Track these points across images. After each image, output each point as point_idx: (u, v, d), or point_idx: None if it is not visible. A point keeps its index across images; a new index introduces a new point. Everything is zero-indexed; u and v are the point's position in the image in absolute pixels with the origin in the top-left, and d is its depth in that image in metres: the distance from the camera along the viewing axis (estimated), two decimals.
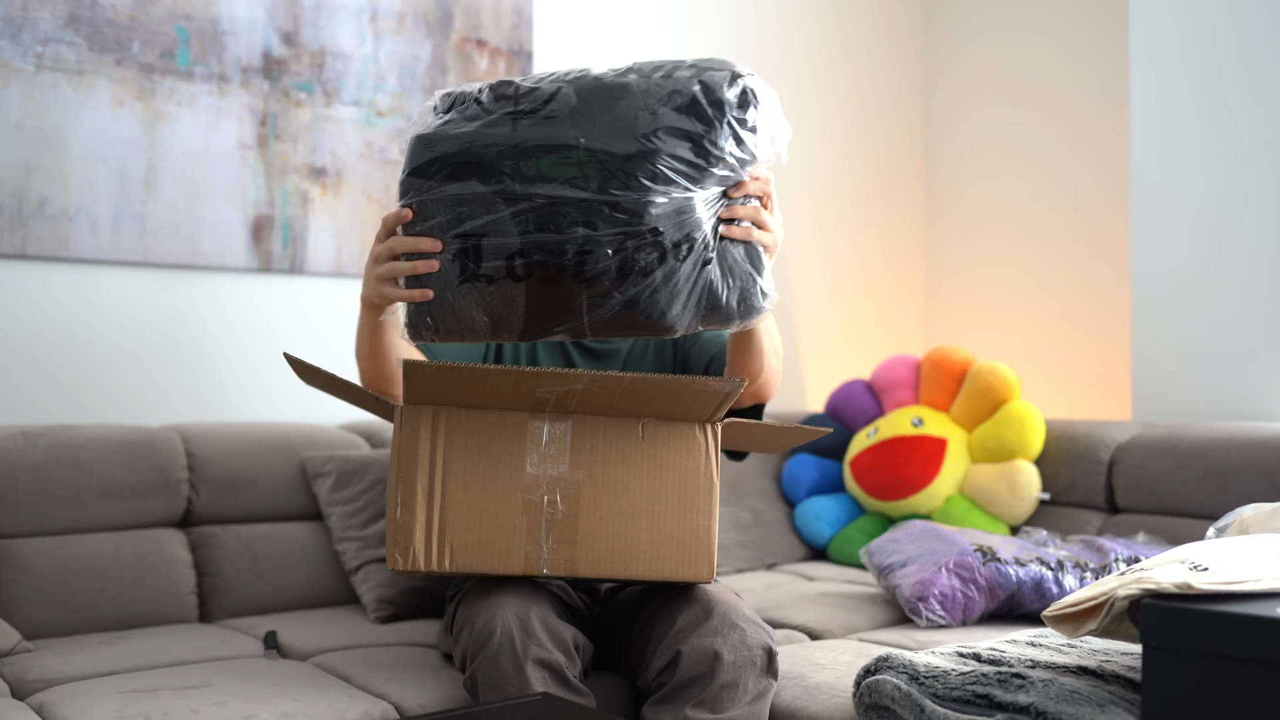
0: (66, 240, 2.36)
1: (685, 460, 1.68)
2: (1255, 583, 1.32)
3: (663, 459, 1.68)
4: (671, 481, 1.67)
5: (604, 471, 1.66)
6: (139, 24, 2.43)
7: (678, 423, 1.69)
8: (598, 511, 1.65)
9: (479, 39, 2.87)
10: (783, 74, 3.51)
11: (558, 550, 1.64)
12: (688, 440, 1.68)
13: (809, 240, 3.58)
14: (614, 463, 1.67)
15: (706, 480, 1.68)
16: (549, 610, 1.70)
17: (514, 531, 1.64)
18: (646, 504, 1.66)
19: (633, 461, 1.67)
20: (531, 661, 1.63)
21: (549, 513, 1.65)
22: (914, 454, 2.85)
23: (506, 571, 1.65)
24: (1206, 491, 2.44)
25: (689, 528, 1.66)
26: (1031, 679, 1.46)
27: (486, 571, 1.65)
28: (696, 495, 1.67)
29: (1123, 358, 3.24)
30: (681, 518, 1.66)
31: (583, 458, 1.66)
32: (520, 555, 1.64)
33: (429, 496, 1.63)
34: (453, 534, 1.63)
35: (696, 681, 1.67)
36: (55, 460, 2.14)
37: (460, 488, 1.63)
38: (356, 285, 2.72)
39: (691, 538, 1.66)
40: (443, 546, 1.63)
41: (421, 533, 1.62)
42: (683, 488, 1.67)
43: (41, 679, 1.80)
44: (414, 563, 1.62)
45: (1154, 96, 2.95)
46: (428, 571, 1.64)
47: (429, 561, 1.62)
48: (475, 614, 1.70)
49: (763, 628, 1.74)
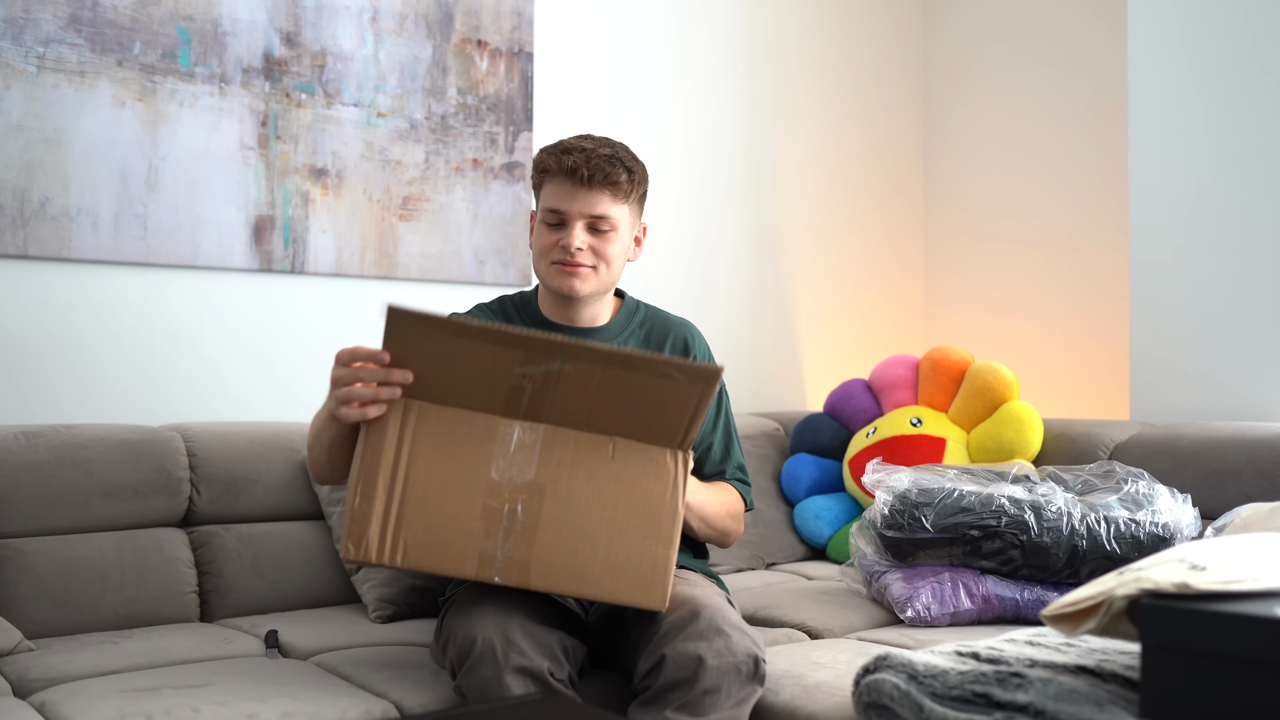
0: (68, 240, 2.36)
1: (652, 485, 1.65)
2: (1254, 582, 1.32)
3: (630, 481, 1.64)
4: (635, 505, 1.64)
5: (569, 486, 1.63)
6: (140, 25, 2.43)
7: (649, 446, 1.65)
8: (557, 526, 1.62)
9: (479, 39, 2.88)
10: (783, 75, 3.52)
11: (512, 559, 1.61)
12: (657, 466, 1.65)
13: (809, 240, 3.59)
14: (580, 479, 1.63)
15: (671, 508, 1.65)
16: (532, 617, 1.70)
17: (470, 535, 1.61)
18: (607, 525, 1.63)
19: (599, 480, 1.64)
20: (512, 670, 1.63)
21: (508, 521, 1.61)
22: (913, 453, 2.85)
23: (458, 574, 1.63)
24: (1205, 491, 2.44)
25: (647, 554, 1.63)
26: (1030, 678, 1.46)
27: (438, 571, 1.63)
28: (659, 522, 1.64)
29: (1121, 357, 3.25)
30: (641, 543, 1.63)
31: (549, 469, 1.63)
32: (474, 559, 1.61)
33: (389, 489, 1.60)
34: (408, 530, 1.60)
35: (680, 685, 1.68)
36: (57, 460, 2.14)
37: (422, 484, 1.60)
38: (357, 285, 2.73)
39: (649, 564, 1.64)
40: (396, 541, 1.60)
41: (377, 524, 1.59)
42: (646, 513, 1.64)
43: (43, 678, 1.81)
44: (365, 553, 1.60)
45: (1152, 98, 2.95)
46: (378, 564, 1.61)
47: (380, 554, 1.60)
48: (458, 625, 1.71)
49: (749, 635, 1.74)
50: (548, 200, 1.97)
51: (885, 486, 2.30)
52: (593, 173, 1.93)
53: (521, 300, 2.10)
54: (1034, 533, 2.18)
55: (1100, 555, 2.16)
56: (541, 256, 1.98)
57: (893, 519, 2.25)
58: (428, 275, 2.80)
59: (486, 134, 2.89)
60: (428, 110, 2.80)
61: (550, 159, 1.96)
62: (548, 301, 2.06)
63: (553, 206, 1.96)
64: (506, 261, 2.92)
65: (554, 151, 1.97)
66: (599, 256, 1.97)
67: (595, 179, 1.94)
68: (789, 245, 3.54)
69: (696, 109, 3.34)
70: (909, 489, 2.27)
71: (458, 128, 2.84)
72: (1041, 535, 2.18)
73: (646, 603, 1.65)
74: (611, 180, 1.95)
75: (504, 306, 2.09)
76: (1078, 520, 2.18)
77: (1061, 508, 2.20)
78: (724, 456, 2.08)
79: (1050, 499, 2.22)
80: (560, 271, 1.96)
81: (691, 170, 3.34)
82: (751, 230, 3.45)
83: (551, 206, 1.96)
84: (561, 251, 1.95)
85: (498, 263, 2.90)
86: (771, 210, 3.51)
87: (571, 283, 1.96)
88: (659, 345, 2.08)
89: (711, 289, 3.35)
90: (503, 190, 2.91)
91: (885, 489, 2.29)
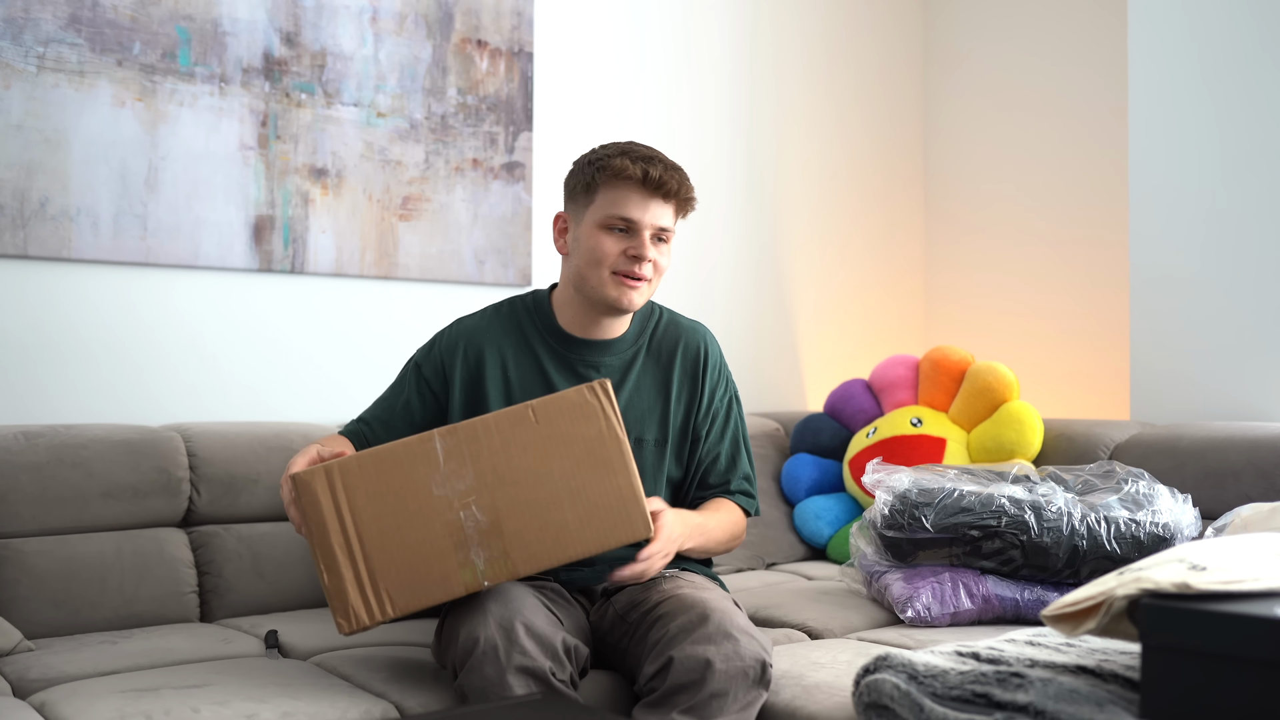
0: (68, 240, 2.36)
1: (585, 428, 1.64)
2: (1254, 582, 1.32)
3: (562, 434, 1.63)
4: (579, 453, 1.63)
5: (509, 467, 1.62)
6: (140, 25, 2.43)
7: (567, 395, 1.65)
8: (518, 508, 1.61)
9: (479, 39, 2.88)
10: (783, 75, 3.52)
11: (492, 559, 1.61)
12: (581, 408, 1.64)
13: (809, 241, 3.59)
14: (516, 455, 1.62)
15: (613, 440, 1.64)
16: (535, 616, 1.69)
17: (443, 556, 1.60)
18: (563, 483, 1.62)
19: (534, 448, 1.63)
20: (514, 669, 1.63)
21: (470, 526, 1.60)
22: (913, 454, 2.85)
23: (450, 597, 1.62)
24: (1205, 491, 2.44)
25: (611, 491, 1.63)
26: (1030, 678, 1.46)
27: (432, 603, 1.63)
28: (608, 457, 1.63)
29: (1121, 357, 3.25)
30: (600, 485, 1.62)
31: (484, 462, 1.62)
32: (457, 577, 1.61)
33: (349, 553, 1.60)
34: (384, 581, 1.60)
35: (687, 688, 1.67)
36: (56, 460, 2.14)
37: (376, 533, 1.60)
38: (357, 285, 2.73)
39: (617, 500, 1.63)
40: (379, 596, 1.60)
41: (355, 591, 1.60)
42: (592, 455, 1.63)
43: (43, 678, 1.81)
44: (358, 621, 1.60)
45: (1152, 98, 2.95)
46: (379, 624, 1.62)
47: (372, 615, 1.60)
48: (460, 624, 1.70)
49: (757, 639, 1.74)
50: (616, 207, 1.89)
51: (885, 486, 2.30)
52: (677, 187, 1.90)
53: (535, 304, 2.03)
54: (1034, 533, 2.18)
55: (1100, 555, 2.16)
56: (598, 264, 1.90)
57: (893, 519, 2.25)
58: (428, 275, 2.80)
59: (486, 134, 2.89)
60: (428, 110, 2.80)
61: (626, 163, 1.89)
62: (569, 310, 1.98)
63: (624, 214, 1.89)
64: (506, 261, 2.92)
65: (630, 157, 1.90)
66: (656, 270, 1.93)
67: (673, 192, 1.91)
68: (789, 245, 3.54)
69: (697, 109, 3.34)
70: (909, 489, 2.27)
71: (458, 128, 2.84)
72: (1042, 535, 2.18)
73: (633, 535, 1.65)
74: (684, 196, 1.93)
75: (514, 311, 2.03)
76: (1078, 520, 2.18)
77: (1062, 508, 2.19)
78: (730, 466, 2.05)
79: (1050, 499, 2.22)
80: (621, 283, 1.90)
81: (692, 170, 3.31)
82: (752, 230, 3.45)
83: (623, 214, 1.89)
84: (630, 262, 1.89)
85: (498, 263, 2.90)
86: (772, 210, 3.51)
87: (631, 296, 1.91)
88: (669, 354, 2.03)
89: (712, 289, 3.35)
90: (503, 190, 2.91)
91: (885, 489, 2.29)
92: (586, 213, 1.93)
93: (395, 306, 2.78)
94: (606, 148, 1.96)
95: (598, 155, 1.95)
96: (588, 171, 1.94)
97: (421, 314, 2.80)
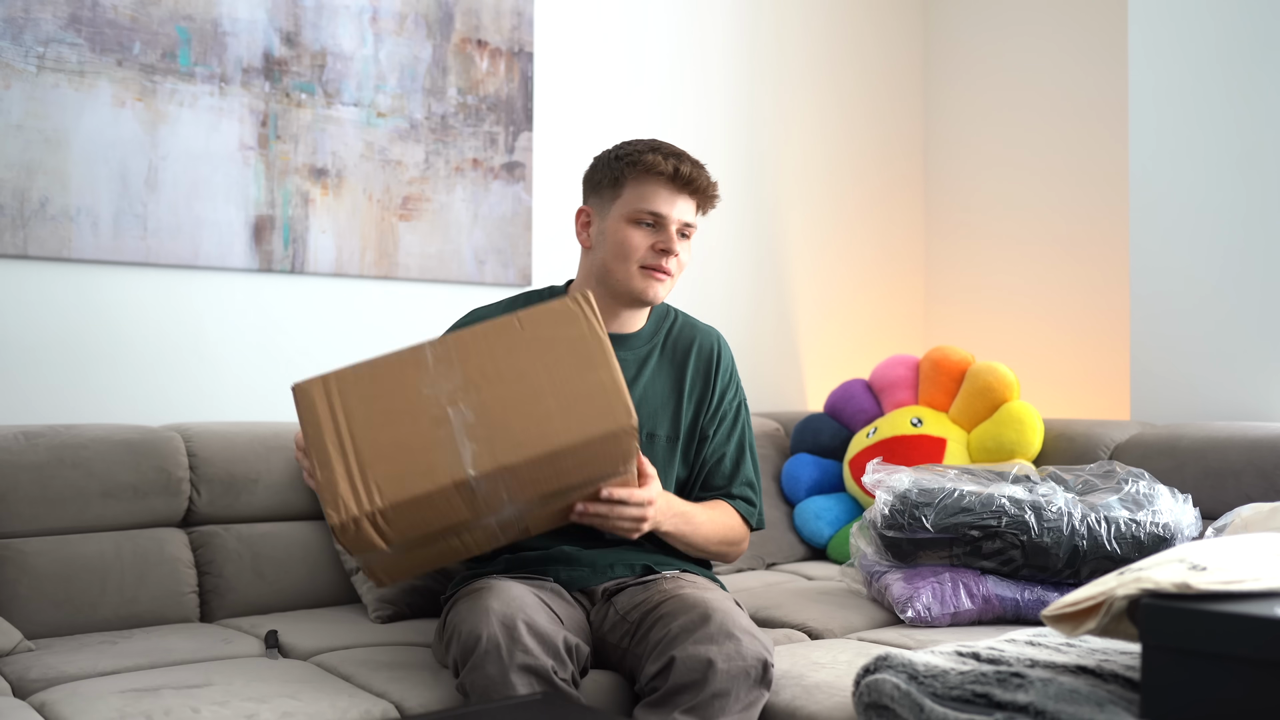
0: (68, 240, 2.36)
1: (568, 330, 1.69)
2: (1254, 582, 1.32)
3: (546, 337, 1.68)
4: (562, 353, 1.68)
5: (495, 368, 1.67)
6: (140, 25, 2.43)
7: (551, 304, 1.71)
8: (503, 402, 1.66)
9: (479, 39, 2.88)
10: (783, 74, 3.52)
11: (478, 449, 1.64)
12: (563, 314, 1.69)
13: (809, 241, 3.59)
14: (502, 356, 1.67)
15: (594, 339, 1.68)
16: (537, 614, 1.70)
17: (431, 447, 1.63)
18: (545, 378, 1.67)
19: (519, 349, 1.68)
20: (517, 668, 1.63)
21: (457, 420, 1.65)
22: (913, 454, 2.85)
23: (435, 485, 1.63)
24: (1205, 491, 2.44)
25: (593, 383, 1.66)
26: (1030, 678, 1.46)
27: (417, 492, 1.63)
28: (590, 353, 1.67)
29: (1121, 357, 3.25)
30: (582, 377, 1.66)
31: (472, 364, 1.67)
32: (444, 466, 1.63)
33: (341, 449, 1.63)
34: (373, 470, 1.63)
35: (689, 688, 1.68)
36: (56, 460, 2.14)
37: (367, 428, 1.64)
38: (357, 285, 2.73)
39: (599, 391, 1.66)
40: (368, 485, 1.62)
41: (345, 482, 1.62)
42: (574, 353, 1.68)
43: (43, 678, 1.81)
44: (347, 511, 1.61)
45: (1152, 98, 2.95)
46: (361, 515, 1.61)
47: (360, 504, 1.61)
48: (462, 621, 1.70)
49: (759, 639, 1.74)
50: (645, 201, 1.94)
51: (885, 486, 2.30)
52: (704, 184, 1.96)
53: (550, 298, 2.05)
54: (1034, 533, 2.18)
55: (1101, 555, 2.16)
56: (626, 258, 1.95)
57: (893, 519, 2.25)
58: (427, 275, 2.80)
59: (486, 134, 2.89)
60: (428, 110, 2.80)
61: (658, 159, 1.94)
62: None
63: (653, 209, 1.94)
64: (506, 261, 2.92)
65: (660, 153, 1.95)
66: (678, 265, 1.99)
67: (700, 189, 1.96)
68: (789, 245, 3.54)
69: (697, 108, 3.34)
70: (909, 489, 2.27)
71: (458, 128, 2.84)
72: (1042, 535, 2.18)
73: (614, 423, 1.66)
74: (710, 193, 1.99)
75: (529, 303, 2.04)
76: (1078, 520, 2.18)
77: (1062, 508, 2.19)
78: (734, 471, 2.06)
79: (1051, 499, 2.22)
80: (649, 276, 1.95)
81: None
82: (752, 230, 3.45)
83: (651, 209, 1.94)
84: (658, 256, 1.94)
85: (498, 263, 2.90)
86: (772, 210, 3.51)
87: (657, 289, 1.97)
88: (684, 353, 2.07)
89: (712, 289, 3.35)
90: (503, 190, 2.91)
91: (885, 489, 2.29)
92: (613, 206, 1.97)
93: (395, 306, 2.78)
94: (634, 143, 2.00)
95: (626, 150, 1.98)
96: (615, 166, 1.98)
97: (421, 314, 2.80)
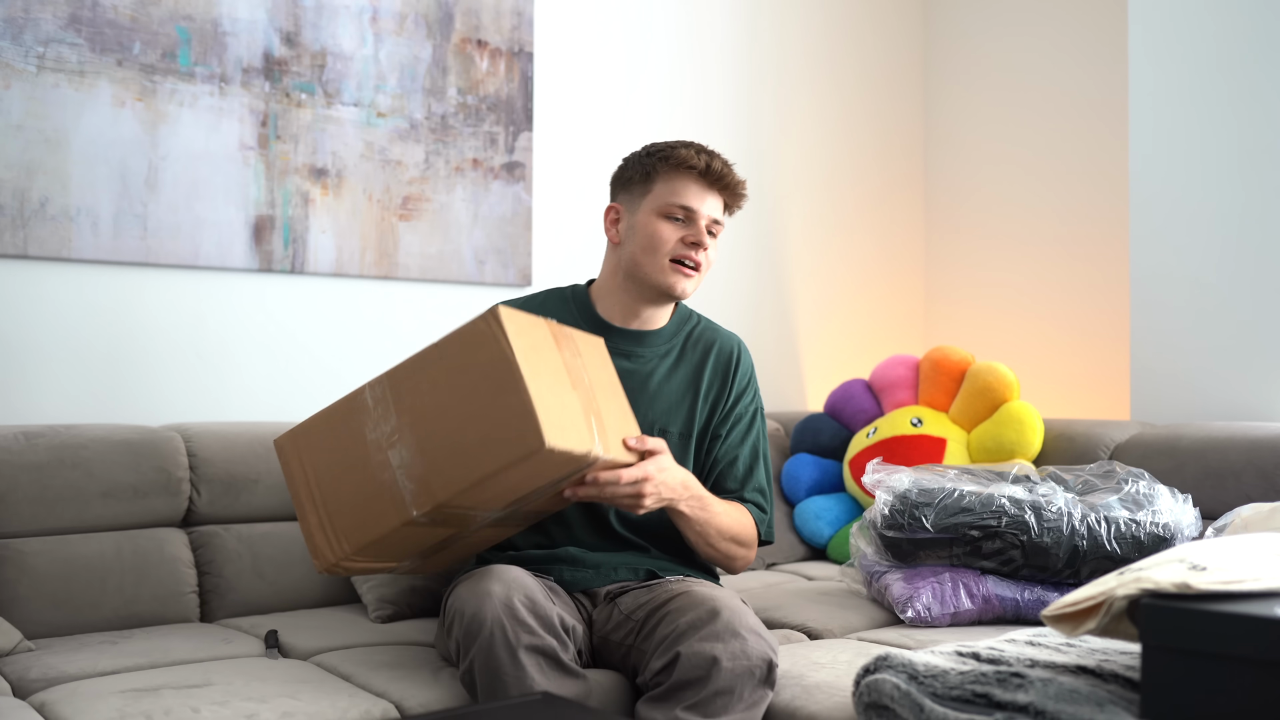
0: (68, 240, 2.36)
1: (478, 354, 1.69)
2: (1254, 582, 1.32)
3: (460, 364, 1.70)
4: (476, 378, 1.69)
5: (420, 404, 1.71)
6: (140, 25, 2.43)
7: (463, 327, 1.72)
8: (431, 439, 1.69)
9: (479, 39, 2.88)
10: (783, 73, 3.52)
11: (415, 488, 1.69)
12: (475, 336, 1.70)
13: (809, 241, 3.59)
14: (425, 392, 1.71)
15: (504, 361, 1.67)
16: (534, 593, 1.72)
17: (379, 494, 1.71)
18: (464, 408, 1.68)
19: (440, 382, 1.71)
20: (525, 649, 1.65)
21: (397, 463, 1.70)
22: (913, 454, 2.85)
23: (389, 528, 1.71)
24: (1205, 491, 2.44)
25: (506, 409, 1.65)
26: (1030, 678, 1.46)
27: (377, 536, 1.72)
28: (502, 378, 1.67)
29: (1121, 357, 3.25)
30: (495, 402, 1.66)
31: (404, 403, 1.72)
32: (392, 510, 1.70)
33: (314, 502, 1.77)
34: (338, 521, 1.75)
35: (692, 685, 1.68)
36: (56, 460, 2.14)
37: (329, 482, 1.76)
38: (357, 285, 2.73)
39: (513, 416, 1.64)
40: (337, 535, 1.75)
41: (320, 533, 1.76)
42: (487, 378, 1.68)
43: (43, 678, 1.81)
44: (324, 560, 1.76)
45: (1152, 97, 2.95)
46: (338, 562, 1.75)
47: (334, 552, 1.75)
48: (464, 605, 1.71)
49: (765, 639, 1.74)
50: (676, 195, 1.97)
51: (885, 486, 2.30)
52: (735, 183, 2.00)
53: (573, 294, 2.09)
54: (1034, 533, 2.18)
55: (1101, 555, 2.16)
56: (655, 251, 1.97)
57: (893, 519, 2.25)
58: (427, 275, 2.80)
59: (486, 134, 2.89)
60: (428, 110, 2.80)
61: (691, 154, 1.97)
62: (611, 299, 2.05)
63: (684, 203, 1.97)
64: (506, 261, 2.91)
65: (693, 149, 1.99)
66: (708, 261, 2.01)
67: (729, 187, 2.00)
68: (789, 245, 3.54)
69: (697, 109, 3.34)
70: (909, 489, 2.27)
71: (458, 128, 2.84)
72: (1042, 535, 2.18)
73: (525, 448, 1.64)
74: (738, 193, 2.03)
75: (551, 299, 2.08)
76: (1078, 520, 2.18)
77: (1062, 508, 2.19)
78: (746, 475, 2.07)
79: (1050, 499, 2.22)
80: (678, 270, 1.98)
81: None
82: (752, 230, 3.45)
83: (682, 202, 1.97)
84: (687, 249, 1.97)
85: (498, 263, 2.90)
86: (771, 209, 3.51)
87: (685, 284, 1.99)
88: (703, 353, 2.08)
89: (712, 289, 3.35)
90: (503, 190, 2.91)
91: (885, 489, 2.29)
92: (644, 201, 2.00)
93: (395, 306, 2.78)
94: (666, 141, 2.04)
95: (658, 147, 2.02)
96: (647, 162, 2.01)
97: (421, 314, 2.80)
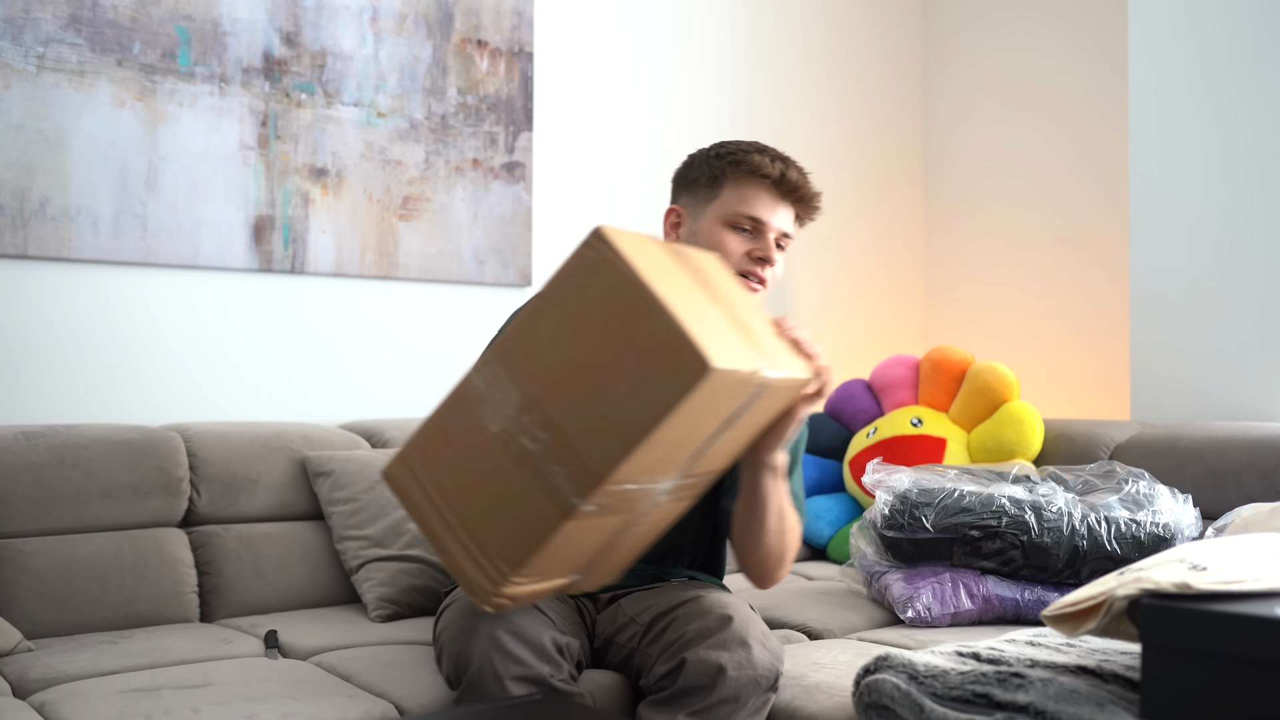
0: (68, 240, 2.36)
1: (596, 287, 1.40)
2: (1254, 582, 1.32)
3: (579, 308, 1.41)
4: (603, 318, 1.39)
5: (544, 371, 1.41)
6: (140, 25, 2.43)
7: (568, 263, 1.42)
8: (570, 407, 1.40)
9: (479, 39, 2.88)
10: (782, 73, 3.52)
11: (570, 473, 1.39)
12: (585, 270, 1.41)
13: (808, 240, 3.59)
14: (545, 354, 1.41)
15: (629, 287, 1.37)
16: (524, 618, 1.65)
17: (525, 493, 1.42)
18: (599, 357, 1.38)
19: (561, 338, 1.41)
20: (511, 679, 1.60)
21: (536, 449, 1.41)
22: (913, 454, 2.85)
23: (552, 529, 1.41)
24: (1205, 491, 2.44)
25: (651, 340, 1.35)
26: (1031, 678, 1.46)
27: (542, 548, 1.43)
28: (634, 306, 1.37)
29: (1122, 358, 3.25)
30: (635, 339, 1.36)
31: (524, 375, 1.42)
32: (548, 507, 1.41)
33: (450, 529, 1.48)
34: (486, 543, 1.45)
35: (697, 692, 1.67)
36: (56, 460, 2.14)
37: (462, 496, 1.47)
38: (357, 285, 2.73)
39: (661, 346, 1.35)
40: (490, 559, 1.44)
41: (470, 563, 1.46)
42: (616, 313, 1.38)
43: (43, 678, 1.80)
44: (483, 593, 1.47)
45: (1153, 97, 2.95)
46: (501, 591, 1.46)
47: (492, 580, 1.45)
48: (451, 640, 1.67)
49: (772, 649, 1.72)
50: (745, 205, 1.83)
51: (885, 487, 2.30)
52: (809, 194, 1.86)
53: None
54: (1034, 533, 2.18)
55: (1101, 555, 2.16)
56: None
57: (893, 519, 2.25)
58: (428, 275, 2.80)
59: (486, 134, 2.88)
60: (428, 110, 2.80)
61: (765, 161, 1.83)
62: None
63: (753, 214, 1.84)
64: (506, 261, 2.91)
65: (767, 155, 1.84)
66: (774, 277, 1.88)
67: (804, 199, 1.86)
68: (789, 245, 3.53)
69: (697, 107, 3.34)
70: (909, 489, 2.27)
71: (458, 128, 2.84)
72: (1042, 535, 2.18)
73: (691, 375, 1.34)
74: (813, 205, 1.88)
75: None
76: (1078, 520, 2.18)
77: (1062, 508, 2.19)
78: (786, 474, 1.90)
79: (1051, 499, 2.22)
80: (744, 284, 1.81)
81: None
82: None
83: (751, 213, 1.84)
84: (754, 263, 1.84)
85: (498, 263, 2.90)
86: None
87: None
88: None
89: None
90: (503, 190, 2.91)
91: (886, 489, 2.29)
92: (709, 207, 1.86)
93: (395, 307, 2.78)
94: (737, 143, 1.89)
95: (728, 149, 1.87)
96: (716, 165, 1.86)
97: (421, 314, 2.80)
